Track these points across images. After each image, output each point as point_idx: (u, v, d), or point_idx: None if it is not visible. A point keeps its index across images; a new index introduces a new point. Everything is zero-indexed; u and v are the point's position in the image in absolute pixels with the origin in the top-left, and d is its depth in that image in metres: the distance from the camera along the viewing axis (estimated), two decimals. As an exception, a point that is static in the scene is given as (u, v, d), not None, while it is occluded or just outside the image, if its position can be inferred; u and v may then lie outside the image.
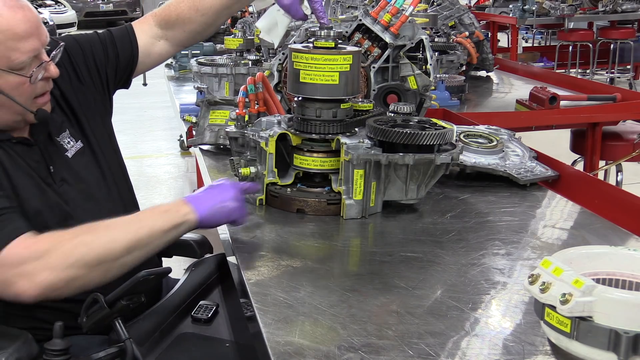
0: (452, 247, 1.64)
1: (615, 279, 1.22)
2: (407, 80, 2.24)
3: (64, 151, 1.70)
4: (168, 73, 4.40)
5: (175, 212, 1.56)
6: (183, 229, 1.56)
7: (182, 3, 1.92)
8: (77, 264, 1.44)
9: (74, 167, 1.70)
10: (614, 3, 8.43)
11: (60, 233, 1.48)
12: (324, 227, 1.76)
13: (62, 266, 1.43)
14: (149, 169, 6.25)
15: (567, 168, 2.18)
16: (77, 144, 1.74)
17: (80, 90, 1.77)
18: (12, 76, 1.54)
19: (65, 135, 1.72)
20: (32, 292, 1.41)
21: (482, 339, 1.23)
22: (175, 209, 1.57)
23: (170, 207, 1.58)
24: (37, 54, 1.56)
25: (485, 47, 4.26)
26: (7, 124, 1.61)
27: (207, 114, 2.52)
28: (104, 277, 1.49)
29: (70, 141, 1.73)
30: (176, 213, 1.56)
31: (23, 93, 1.57)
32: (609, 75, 9.14)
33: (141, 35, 1.91)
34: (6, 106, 1.56)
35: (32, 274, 1.41)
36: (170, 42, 1.96)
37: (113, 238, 1.49)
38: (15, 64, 1.53)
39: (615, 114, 3.59)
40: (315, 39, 1.81)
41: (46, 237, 1.46)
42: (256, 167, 1.89)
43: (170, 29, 1.94)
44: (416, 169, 1.79)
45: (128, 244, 1.49)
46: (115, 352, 1.43)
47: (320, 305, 1.34)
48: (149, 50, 1.93)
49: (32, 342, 1.42)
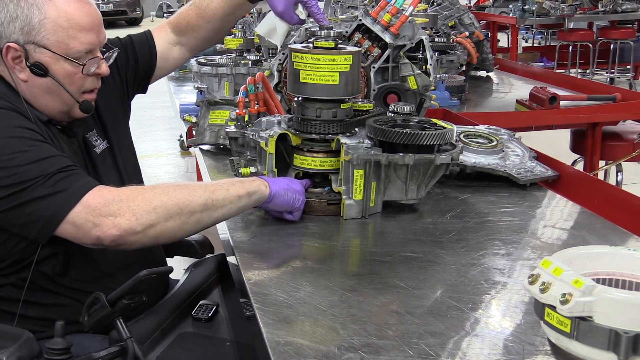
0: (452, 247, 1.64)
1: (615, 279, 1.22)
2: (407, 80, 2.24)
3: (93, 147, 1.78)
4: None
5: (251, 182, 1.67)
6: (255, 198, 1.66)
7: (190, 11, 2.01)
8: (157, 210, 1.50)
9: (100, 164, 1.77)
10: (614, 3, 8.43)
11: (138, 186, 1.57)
12: (324, 227, 1.76)
13: (145, 210, 1.49)
14: (149, 169, 6.25)
15: (567, 168, 2.18)
16: (104, 143, 1.82)
17: (103, 91, 1.82)
18: (67, 63, 1.62)
19: (93, 134, 1.80)
20: (114, 232, 1.46)
21: (482, 339, 1.23)
22: (249, 180, 1.68)
23: (245, 179, 1.70)
24: (93, 48, 1.65)
25: (485, 47, 4.26)
26: (52, 114, 1.67)
27: (207, 114, 2.52)
28: (180, 229, 1.55)
29: (97, 139, 1.80)
30: (251, 183, 1.67)
31: (74, 83, 1.65)
32: (609, 75, 9.14)
33: (159, 41, 2.01)
34: (55, 93, 1.64)
35: (115, 215, 1.46)
36: (185, 47, 2.05)
37: (192, 192, 1.56)
38: (72, 52, 1.61)
39: (615, 114, 3.59)
40: (315, 39, 1.81)
41: (126, 187, 1.54)
42: (256, 167, 1.89)
43: (183, 35, 2.03)
44: (416, 169, 1.79)
45: (206, 200, 1.56)
46: (117, 351, 1.44)
47: (320, 305, 1.34)
48: (166, 56, 2.02)
49: (33, 341, 1.42)
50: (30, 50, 1.59)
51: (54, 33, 1.58)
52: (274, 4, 1.92)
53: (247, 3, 1.99)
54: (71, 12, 1.59)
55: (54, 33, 1.58)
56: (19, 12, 1.56)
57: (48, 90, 1.63)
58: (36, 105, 1.64)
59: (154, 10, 6.82)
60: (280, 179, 1.77)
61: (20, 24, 1.57)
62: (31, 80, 1.61)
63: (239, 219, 1.81)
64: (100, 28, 1.67)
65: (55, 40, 1.59)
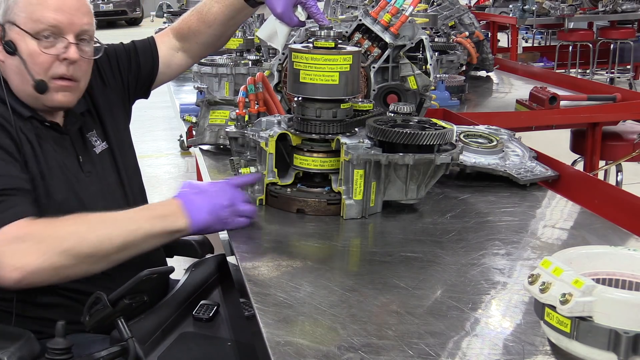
0: (452, 247, 1.64)
1: (615, 279, 1.22)
2: (407, 80, 2.24)
3: (92, 147, 1.78)
4: (168, 73, 4.39)
5: (173, 221, 1.57)
6: (177, 237, 1.60)
7: (192, 16, 2.01)
8: (67, 253, 1.45)
9: (98, 163, 1.77)
10: (614, 3, 8.43)
11: (56, 219, 1.49)
12: (324, 227, 1.76)
13: (53, 252, 1.44)
14: (149, 169, 6.25)
15: (567, 168, 2.18)
16: (103, 144, 1.81)
17: (104, 92, 1.84)
18: (31, 40, 1.61)
19: (93, 134, 1.80)
20: (16, 275, 1.42)
21: (482, 339, 1.23)
22: (172, 217, 1.57)
23: (168, 212, 1.58)
24: (58, 26, 1.63)
25: (485, 47, 4.26)
26: (27, 99, 1.66)
27: (207, 114, 2.52)
28: (90, 270, 1.50)
29: (97, 140, 1.80)
30: (173, 222, 1.57)
31: (37, 62, 1.63)
32: (609, 75, 9.14)
33: (162, 47, 2.01)
34: (22, 74, 1.63)
35: (20, 255, 1.42)
36: (187, 53, 2.05)
37: (108, 235, 1.50)
38: (37, 29, 1.61)
39: (615, 114, 3.59)
40: (315, 39, 1.81)
41: (42, 222, 1.47)
42: (256, 167, 1.89)
43: (185, 41, 2.03)
44: (416, 169, 1.79)
45: (121, 243, 1.50)
46: (118, 351, 1.44)
47: (320, 305, 1.34)
48: (169, 62, 2.02)
49: (34, 341, 1.43)
50: (7, 29, 1.61)
51: (24, 9, 1.60)
52: (272, 6, 1.92)
53: (248, 7, 1.98)
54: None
55: (23, 9, 1.60)
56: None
57: (17, 70, 1.63)
58: (13, 89, 1.65)
59: (154, 10, 6.82)
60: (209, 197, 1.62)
61: (4, 6, 1.61)
62: (6, 60, 1.63)
63: (239, 219, 1.81)
64: (76, 13, 1.65)
65: (24, 17, 1.60)
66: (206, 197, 1.62)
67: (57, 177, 1.64)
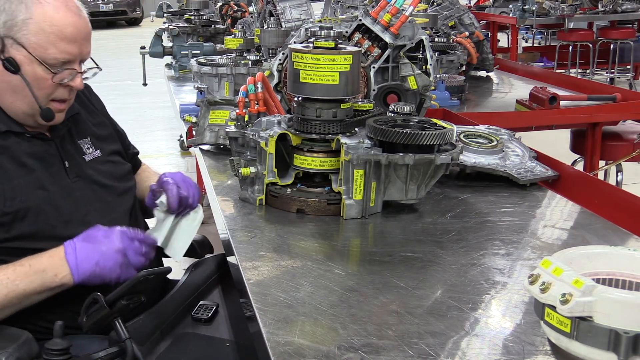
0: (452, 247, 1.64)
1: (615, 279, 1.22)
2: (407, 80, 2.24)
3: (82, 154, 1.77)
4: (168, 73, 4.40)
5: (53, 276, 1.51)
6: (57, 291, 1.54)
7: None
8: None
9: (89, 169, 1.76)
10: (614, 3, 8.43)
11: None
12: (324, 227, 1.76)
13: None
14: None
15: (567, 168, 2.18)
16: (96, 152, 1.81)
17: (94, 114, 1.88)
18: (41, 68, 1.60)
19: (86, 142, 1.80)
20: None
21: (482, 339, 1.23)
22: (53, 271, 1.51)
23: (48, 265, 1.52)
24: (71, 59, 1.63)
25: (485, 47, 4.26)
26: (16, 114, 1.65)
27: (207, 114, 2.52)
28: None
29: (89, 147, 1.80)
30: (53, 278, 1.51)
31: (42, 88, 1.63)
32: (609, 75, 9.14)
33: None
34: (21, 93, 1.62)
35: None
36: None
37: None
38: (48, 58, 1.60)
39: (615, 114, 3.59)
40: (315, 39, 1.81)
41: None
42: (256, 167, 1.89)
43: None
44: (416, 169, 1.79)
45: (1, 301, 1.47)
46: (116, 351, 1.44)
47: (320, 305, 1.34)
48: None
49: (32, 341, 1.43)
50: (8, 45, 1.58)
51: (35, 35, 1.57)
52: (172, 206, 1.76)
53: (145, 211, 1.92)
54: (57, 19, 1.58)
55: (35, 34, 1.57)
56: (7, 6, 1.57)
57: (15, 89, 1.61)
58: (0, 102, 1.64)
59: (154, 10, 6.83)
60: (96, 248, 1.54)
61: (4, 17, 1.57)
62: (1, 74, 1.61)
63: (239, 218, 1.81)
64: (85, 42, 1.65)
65: (34, 41, 1.58)
66: (96, 246, 1.55)
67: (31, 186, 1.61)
